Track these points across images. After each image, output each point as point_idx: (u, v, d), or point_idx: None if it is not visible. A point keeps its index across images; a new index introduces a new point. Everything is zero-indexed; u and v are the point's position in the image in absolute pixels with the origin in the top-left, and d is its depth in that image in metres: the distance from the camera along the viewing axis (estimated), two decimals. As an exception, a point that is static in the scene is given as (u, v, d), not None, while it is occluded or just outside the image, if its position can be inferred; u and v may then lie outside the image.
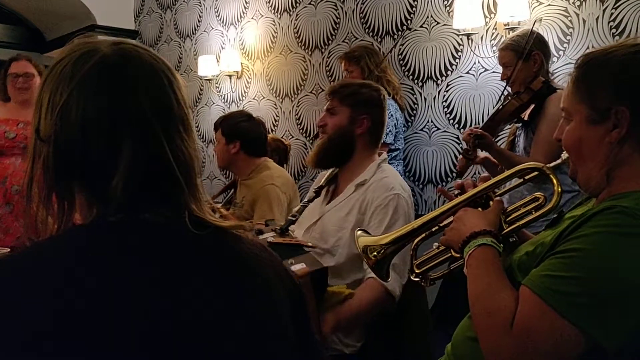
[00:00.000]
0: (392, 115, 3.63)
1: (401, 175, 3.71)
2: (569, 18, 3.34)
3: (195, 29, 5.65)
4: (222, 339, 0.82)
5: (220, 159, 3.19)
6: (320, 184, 2.23)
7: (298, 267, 1.74)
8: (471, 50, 3.75)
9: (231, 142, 3.09)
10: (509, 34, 3.28)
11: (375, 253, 1.49)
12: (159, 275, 0.80)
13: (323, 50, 4.62)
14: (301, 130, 4.76)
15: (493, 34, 3.65)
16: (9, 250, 2.03)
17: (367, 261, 1.51)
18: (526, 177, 1.40)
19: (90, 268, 0.77)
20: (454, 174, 3.84)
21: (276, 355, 0.88)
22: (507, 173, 1.41)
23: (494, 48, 3.59)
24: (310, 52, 4.71)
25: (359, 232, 1.59)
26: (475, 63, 3.74)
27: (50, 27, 6.24)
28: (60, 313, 0.72)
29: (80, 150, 0.82)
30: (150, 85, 0.86)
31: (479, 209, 1.38)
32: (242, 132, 3.11)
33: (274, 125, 4.95)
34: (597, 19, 3.24)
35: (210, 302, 0.82)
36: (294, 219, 2.18)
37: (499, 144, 3.05)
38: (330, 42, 4.57)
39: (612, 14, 3.19)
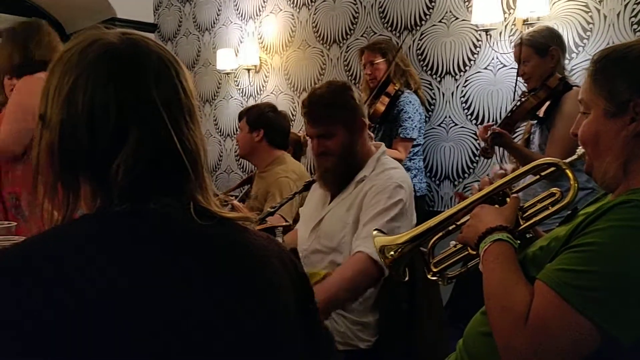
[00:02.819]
0: (417, 110, 3.60)
1: (422, 171, 3.72)
2: (590, 14, 3.32)
3: (214, 23, 5.67)
4: (225, 328, 0.81)
5: (242, 147, 3.23)
6: (312, 178, 2.23)
7: None
8: (489, 45, 3.74)
9: (255, 130, 3.14)
10: (527, 29, 3.26)
11: (392, 252, 1.49)
12: (161, 267, 0.79)
13: (341, 44, 4.62)
14: (318, 125, 4.77)
15: (512, 29, 3.63)
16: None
17: (384, 261, 1.51)
18: (542, 173, 1.40)
19: (89, 258, 0.76)
20: (472, 170, 3.83)
21: (281, 345, 0.88)
22: (523, 169, 1.41)
23: (512, 44, 3.57)
24: (328, 47, 4.71)
25: (375, 232, 1.60)
26: (493, 59, 3.72)
27: (70, 20, 6.29)
28: (60, 303, 0.72)
29: (86, 139, 0.81)
30: (158, 74, 0.86)
31: (496, 205, 1.39)
32: (267, 122, 3.16)
33: (292, 119, 4.96)
34: (618, 15, 3.21)
35: (214, 294, 0.82)
36: (273, 210, 2.19)
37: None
38: (348, 36, 4.57)
39: (633, 9, 3.16)
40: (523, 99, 2.77)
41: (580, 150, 1.31)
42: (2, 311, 0.71)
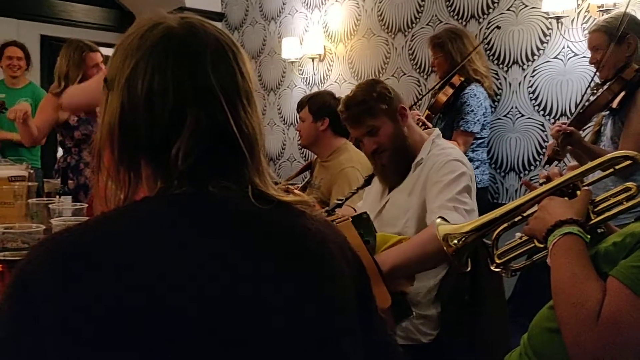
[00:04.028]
0: (481, 104, 3.51)
1: (485, 163, 3.65)
2: (671, 0, 3.17)
3: (279, 12, 5.70)
4: (281, 311, 0.81)
5: (305, 137, 3.23)
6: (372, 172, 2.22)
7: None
8: (560, 34, 3.62)
9: (320, 119, 3.14)
10: (602, 16, 3.14)
11: (456, 241, 1.46)
12: (219, 249, 0.80)
13: (406, 33, 4.57)
14: (382, 114, 4.74)
15: (585, 16, 3.51)
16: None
17: (447, 249, 1.49)
18: (617, 167, 1.36)
19: (151, 240, 0.76)
20: (538, 162, 3.74)
21: (341, 333, 0.87)
22: (597, 162, 1.37)
23: (585, 32, 3.45)
24: (393, 36, 4.67)
25: (439, 219, 1.58)
26: (564, 47, 3.61)
27: (142, 10, 6.46)
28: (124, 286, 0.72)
29: (145, 122, 0.83)
30: (216, 57, 0.86)
31: (565, 198, 1.35)
32: (332, 110, 3.15)
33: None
34: (701, 1, 3.06)
35: (271, 277, 0.82)
36: (340, 202, 2.20)
37: (584, 133, 2.95)
38: (413, 25, 4.51)
39: None
40: (597, 94, 2.67)
41: None
42: (74, 297, 0.71)
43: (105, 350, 0.70)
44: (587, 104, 2.73)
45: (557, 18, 3.57)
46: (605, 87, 2.65)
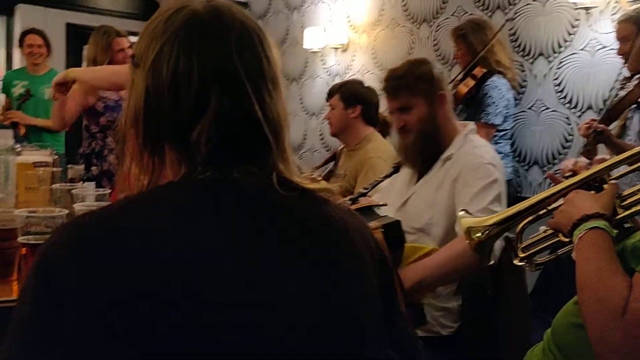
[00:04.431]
0: (503, 95, 3.48)
1: (509, 155, 3.61)
2: None
3: (303, 1, 5.69)
4: (305, 298, 0.80)
5: (335, 124, 3.22)
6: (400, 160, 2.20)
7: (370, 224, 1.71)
8: (588, 25, 3.56)
9: (351, 106, 3.15)
10: (633, 6, 3.08)
11: (479, 234, 1.45)
12: (243, 235, 0.79)
13: (431, 23, 4.52)
14: (405, 105, 4.71)
15: (615, 7, 3.44)
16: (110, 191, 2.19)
17: (470, 242, 1.48)
18: (646, 161, 1.33)
19: (175, 227, 0.76)
20: (562, 156, 3.69)
21: (364, 322, 0.87)
22: (625, 155, 1.33)
23: (614, 23, 3.38)
24: (418, 26, 4.63)
25: (462, 212, 1.57)
26: (592, 39, 3.55)
27: (165, -1, 6.49)
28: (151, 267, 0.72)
29: (169, 106, 0.82)
30: (241, 42, 0.85)
31: (592, 192, 1.32)
32: (363, 97, 3.16)
33: (378, 100, 4.92)
34: None
35: (295, 264, 0.81)
36: (365, 191, 2.18)
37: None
38: (439, 15, 4.47)
39: None
40: (627, 89, 2.62)
41: None
42: (96, 280, 0.71)
43: (126, 335, 0.70)
44: (615, 100, 2.68)
45: (586, 9, 3.51)
46: (634, 82, 2.60)
